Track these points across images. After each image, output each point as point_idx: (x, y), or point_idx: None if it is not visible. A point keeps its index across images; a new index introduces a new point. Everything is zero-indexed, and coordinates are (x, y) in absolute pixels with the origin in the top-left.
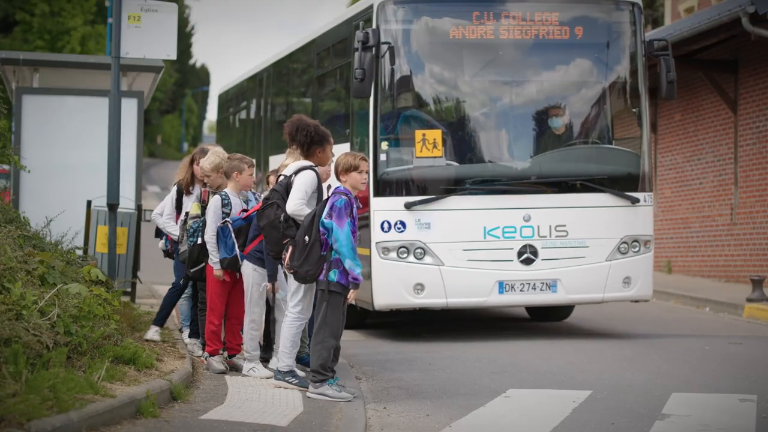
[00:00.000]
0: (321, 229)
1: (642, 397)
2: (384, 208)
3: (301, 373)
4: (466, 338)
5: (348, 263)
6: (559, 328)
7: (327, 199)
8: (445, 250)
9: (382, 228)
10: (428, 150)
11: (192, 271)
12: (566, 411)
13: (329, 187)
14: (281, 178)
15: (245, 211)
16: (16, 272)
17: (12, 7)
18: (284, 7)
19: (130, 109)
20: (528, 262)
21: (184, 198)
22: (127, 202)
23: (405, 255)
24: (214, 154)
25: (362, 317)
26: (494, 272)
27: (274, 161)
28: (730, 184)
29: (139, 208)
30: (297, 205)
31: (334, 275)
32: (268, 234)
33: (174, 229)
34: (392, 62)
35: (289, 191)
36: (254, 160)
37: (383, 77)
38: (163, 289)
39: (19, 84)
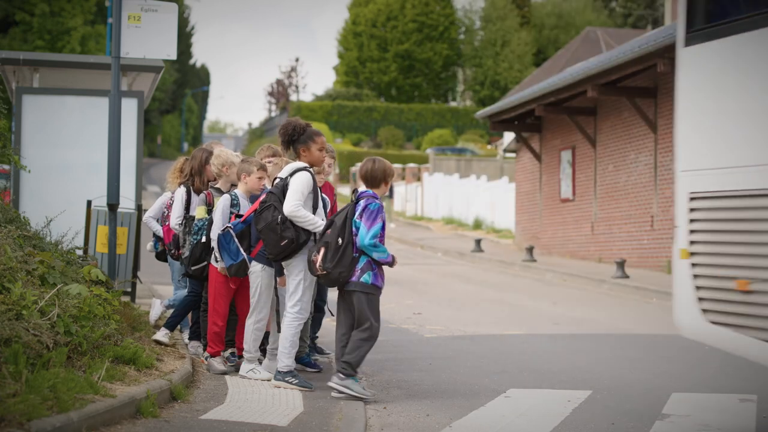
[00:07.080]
0: (353, 229)
1: (642, 397)
2: None
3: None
4: (467, 338)
5: (376, 256)
6: (558, 328)
7: (356, 201)
8: None
9: None
10: None
11: (193, 269)
12: (566, 411)
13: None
14: (277, 180)
15: (239, 216)
16: (16, 272)
17: (12, 7)
18: (285, 7)
19: (130, 109)
20: None
21: (192, 197)
22: (127, 202)
23: None
24: (223, 154)
25: None
26: None
27: None
28: None
29: (139, 208)
30: (294, 206)
31: (368, 277)
32: (266, 237)
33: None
34: None
35: (286, 193)
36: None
37: None
38: (163, 289)
39: (19, 84)
